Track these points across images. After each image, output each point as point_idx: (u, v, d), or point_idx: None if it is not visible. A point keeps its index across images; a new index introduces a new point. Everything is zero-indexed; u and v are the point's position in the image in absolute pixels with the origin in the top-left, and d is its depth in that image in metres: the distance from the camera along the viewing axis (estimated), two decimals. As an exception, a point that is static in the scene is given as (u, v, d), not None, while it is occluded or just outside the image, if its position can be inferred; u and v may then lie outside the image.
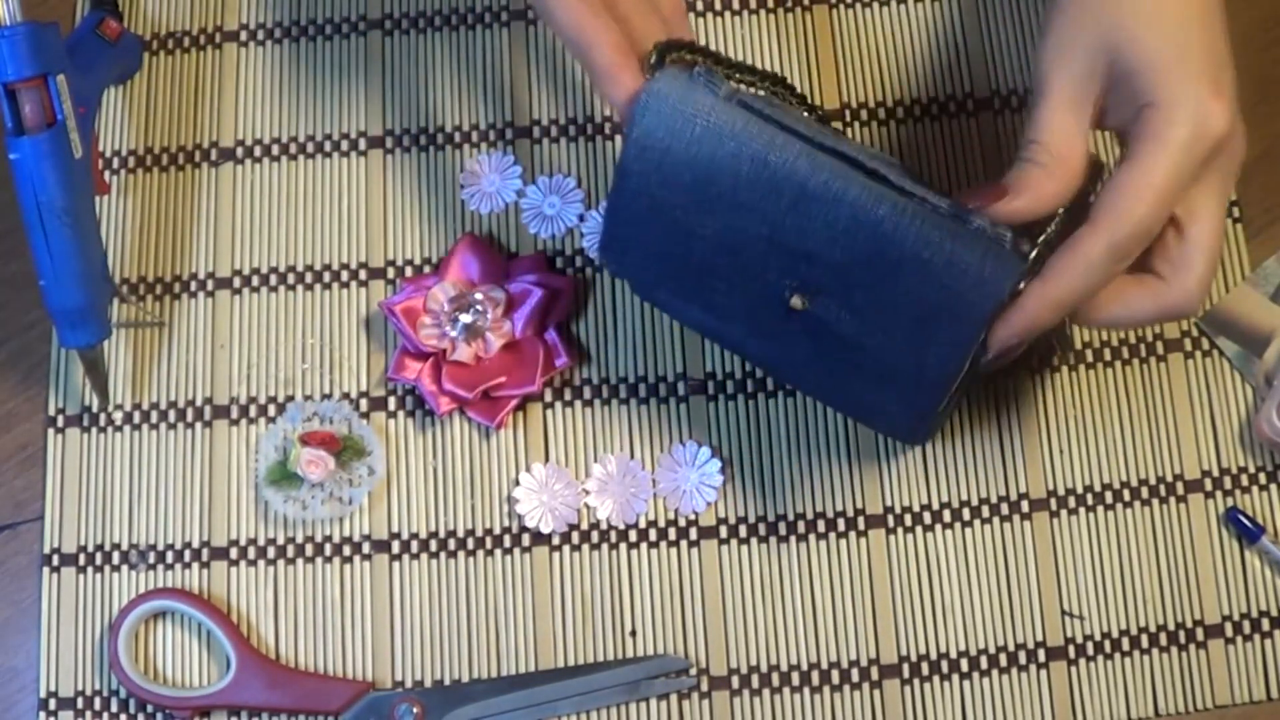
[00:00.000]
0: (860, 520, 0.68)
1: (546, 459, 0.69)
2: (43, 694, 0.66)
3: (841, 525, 0.68)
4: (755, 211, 0.57)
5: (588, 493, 0.68)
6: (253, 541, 0.68)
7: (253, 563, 0.67)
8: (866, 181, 0.56)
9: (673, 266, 0.61)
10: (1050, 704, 0.66)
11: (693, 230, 0.59)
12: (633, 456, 0.68)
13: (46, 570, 0.67)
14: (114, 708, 0.66)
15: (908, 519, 0.68)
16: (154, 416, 0.69)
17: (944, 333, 0.57)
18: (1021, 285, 0.55)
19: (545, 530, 0.67)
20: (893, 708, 0.66)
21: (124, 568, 0.67)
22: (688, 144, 0.57)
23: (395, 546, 0.68)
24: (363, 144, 0.73)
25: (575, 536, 0.68)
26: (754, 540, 0.68)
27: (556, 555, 0.68)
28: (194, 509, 0.68)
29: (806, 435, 0.69)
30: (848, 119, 0.73)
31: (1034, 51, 0.57)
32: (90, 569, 0.67)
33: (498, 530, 0.68)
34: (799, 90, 0.66)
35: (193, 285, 0.71)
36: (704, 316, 0.64)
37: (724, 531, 0.68)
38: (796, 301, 0.59)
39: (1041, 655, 0.66)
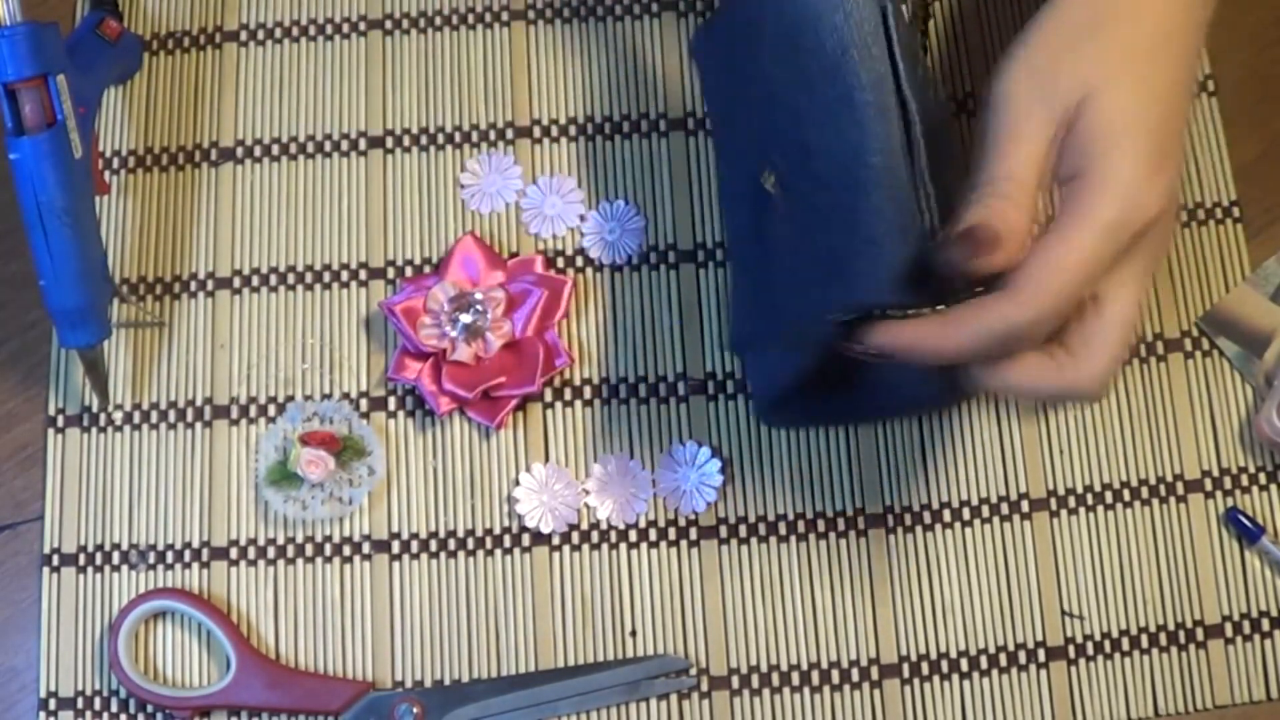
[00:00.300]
0: (860, 520, 0.68)
1: (546, 459, 0.69)
2: (43, 694, 0.66)
3: (841, 525, 0.68)
4: (806, 85, 0.59)
5: (588, 493, 0.68)
6: (253, 541, 0.68)
7: (253, 563, 0.67)
8: (897, 137, 0.57)
9: (727, 84, 0.66)
10: (1050, 704, 0.66)
11: (756, 70, 0.62)
12: (632, 456, 0.69)
13: (46, 570, 0.67)
14: (114, 708, 0.66)
15: (908, 519, 0.68)
16: (154, 416, 0.69)
17: (826, 292, 0.58)
18: (923, 311, 0.55)
19: (545, 530, 0.67)
20: (893, 708, 0.66)
21: (124, 568, 0.67)
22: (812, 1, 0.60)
23: (395, 546, 0.68)
24: (363, 144, 0.73)
25: (575, 536, 0.68)
26: (754, 540, 0.68)
27: (556, 555, 0.68)
28: (194, 509, 0.68)
29: (806, 435, 0.69)
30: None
31: (1003, 68, 0.54)
32: (90, 569, 0.67)
33: (498, 530, 0.68)
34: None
35: (193, 285, 0.71)
36: (717, 146, 0.69)
37: (724, 531, 0.68)
38: (770, 181, 0.61)
39: (1041, 655, 0.66)
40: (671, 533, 0.68)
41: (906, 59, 0.58)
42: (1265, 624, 0.67)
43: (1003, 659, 0.66)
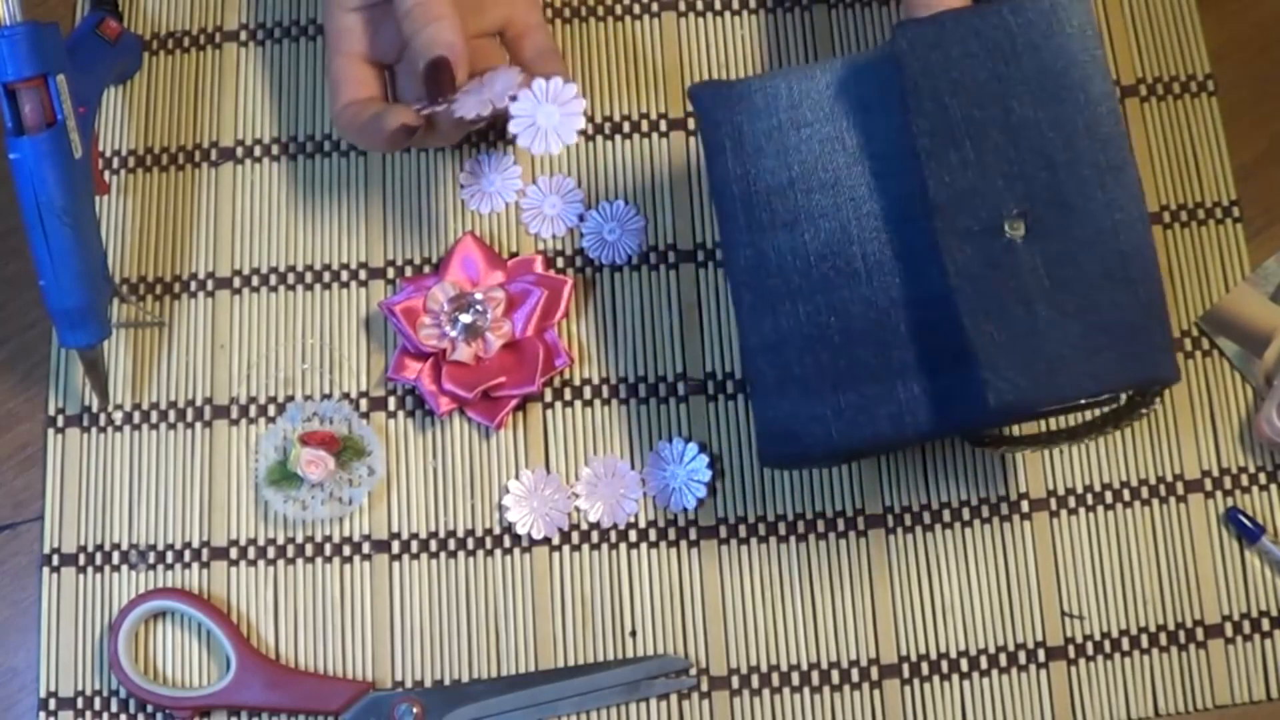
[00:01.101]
0: (860, 520, 0.68)
1: (546, 459, 0.69)
2: (43, 694, 0.66)
3: (841, 525, 0.68)
4: (1065, 137, 0.58)
5: (577, 495, 0.68)
6: (253, 541, 0.68)
7: (253, 563, 0.67)
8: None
9: (951, 95, 0.59)
10: (1050, 704, 0.66)
11: (1000, 100, 0.58)
12: (632, 457, 0.69)
13: (46, 570, 0.67)
14: (114, 708, 0.66)
15: (908, 519, 0.68)
16: (154, 416, 0.69)
17: (1122, 364, 0.57)
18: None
19: (537, 536, 0.67)
20: (893, 708, 0.66)
21: (124, 568, 0.67)
22: None
23: (395, 546, 0.68)
24: (363, 144, 0.73)
25: (575, 537, 0.68)
26: (754, 540, 0.68)
27: (556, 556, 0.68)
28: (194, 509, 0.68)
29: (806, 435, 0.69)
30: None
31: None
32: (90, 569, 0.67)
33: (498, 530, 0.68)
34: None
35: (193, 285, 0.71)
36: (935, 167, 0.59)
37: (723, 531, 0.68)
38: (1018, 230, 0.58)
39: (1041, 655, 0.66)
40: (671, 533, 0.68)
41: None
42: (1265, 624, 0.67)
43: (1003, 659, 0.66)
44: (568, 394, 0.69)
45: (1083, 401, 0.59)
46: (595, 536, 0.68)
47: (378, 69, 0.68)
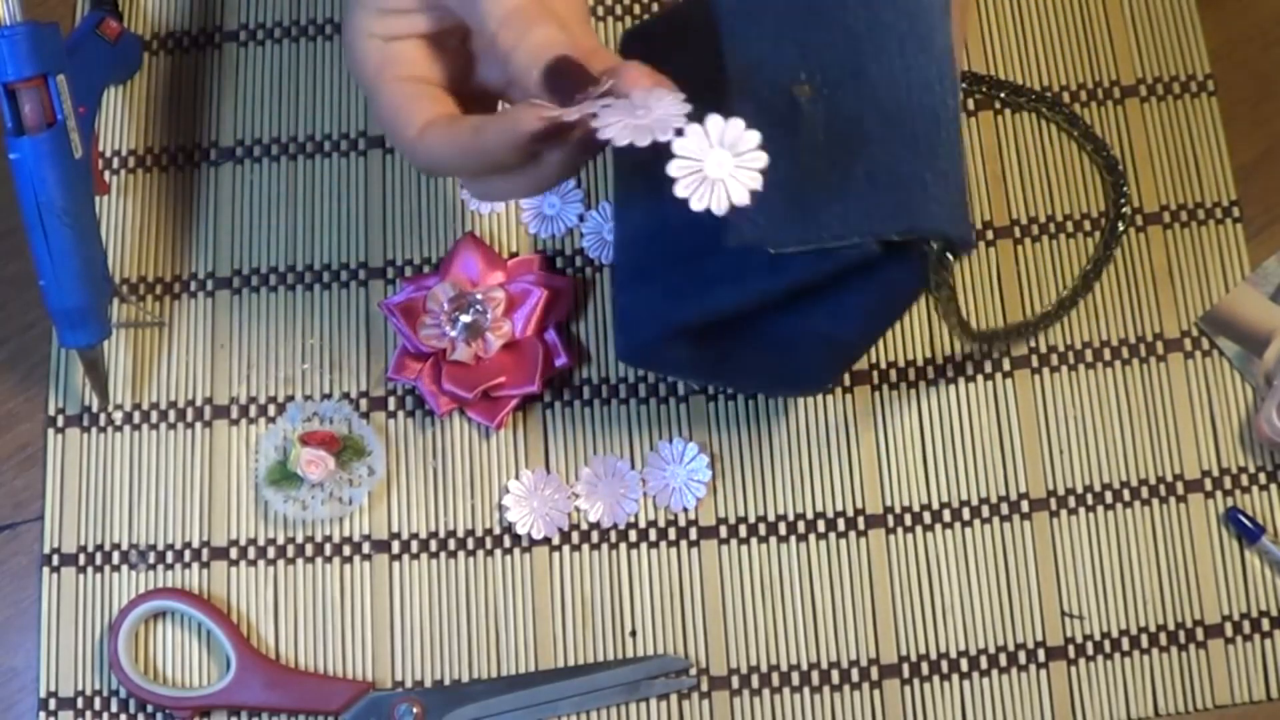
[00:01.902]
0: (860, 520, 0.68)
1: (546, 459, 0.69)
2: (43, 694, 0.66)
3: (841, 525, 0.68)
4: (870, 12, 0.58)
5: (577, 495, 0.68)
6: (253, 541, 0.68)
7: (253, 563, 0.67)
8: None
9: None
10: (1050, 704, 0.66)
11: None
12: (632, 457, 0.69)
13: (46, 570, 0.67)
14: (114, 708, 0.66)
15: (908, 519, 0.68)
16: (154, 416, 0.69)
17: (890, 214, 0.56)
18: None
19: (537, 536, 0.67)
20: (893, 708, 0.66)
21: (124, 568, 0.67)
22: None
23: (395, 546, 0.68)
24: (362, 144, 0.73)
25: (575, 537, 0.68)
26: (754, 540, 0.68)
27: (556, 556, 0.68)
28: (194, 509, 0.68)
29: (807, 434, 0.69)
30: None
31: None
32: (90, 569, 0.67)
33: (498, 530, 0.68)
34: None
35: (193, 285, 0.71)
36: (729, 33, 0.60)
37: (723, 531, 0.68)
38: (804, 91, 0.58)
39: (1041, 655, 0.66)
40: (671, 533, 0.68)
41: None
42: (1265, 624, 0.67)
43: (1003, 659, 0.66)
44: (567, 394, 0.69)
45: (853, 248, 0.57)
46: (595, 536, 0.68)
47: (444, 89, 0.57)
